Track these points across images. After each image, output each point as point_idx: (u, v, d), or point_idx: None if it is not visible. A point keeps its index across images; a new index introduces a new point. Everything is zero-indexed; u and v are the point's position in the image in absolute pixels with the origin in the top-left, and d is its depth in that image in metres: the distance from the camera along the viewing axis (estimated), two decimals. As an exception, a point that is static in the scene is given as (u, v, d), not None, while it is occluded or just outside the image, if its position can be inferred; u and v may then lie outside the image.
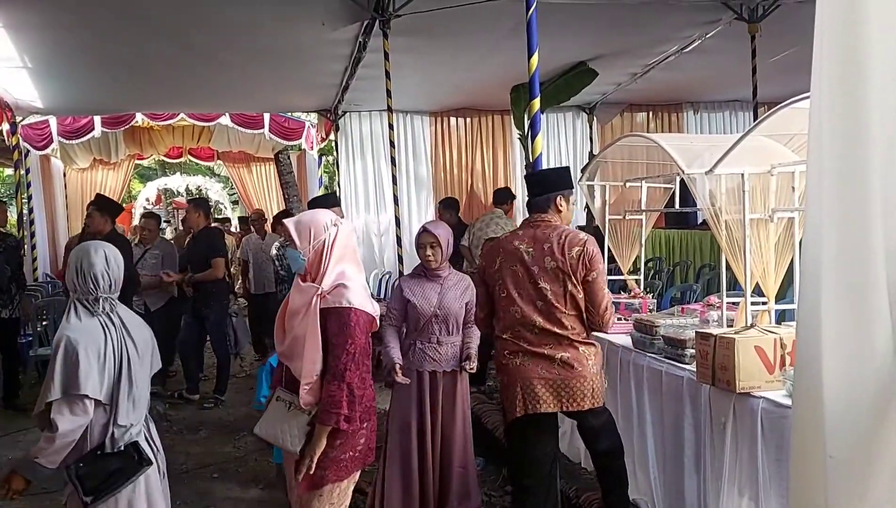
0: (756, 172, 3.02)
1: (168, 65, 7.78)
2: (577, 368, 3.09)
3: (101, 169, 13.46)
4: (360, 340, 2.55)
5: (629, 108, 11.30)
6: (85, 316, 2.54)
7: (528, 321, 3.11)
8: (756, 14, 7.01)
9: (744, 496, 2.73)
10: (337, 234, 2.63)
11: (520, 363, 3.13)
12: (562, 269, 3.09)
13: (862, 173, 1.32)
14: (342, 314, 2.53)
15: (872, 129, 1.31)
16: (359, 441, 2.62)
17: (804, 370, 1.40)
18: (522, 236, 3.21)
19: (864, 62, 1.33)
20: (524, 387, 3.11)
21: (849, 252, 1.32)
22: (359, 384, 2.55)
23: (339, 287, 2.56)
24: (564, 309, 3.09)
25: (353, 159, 10.86)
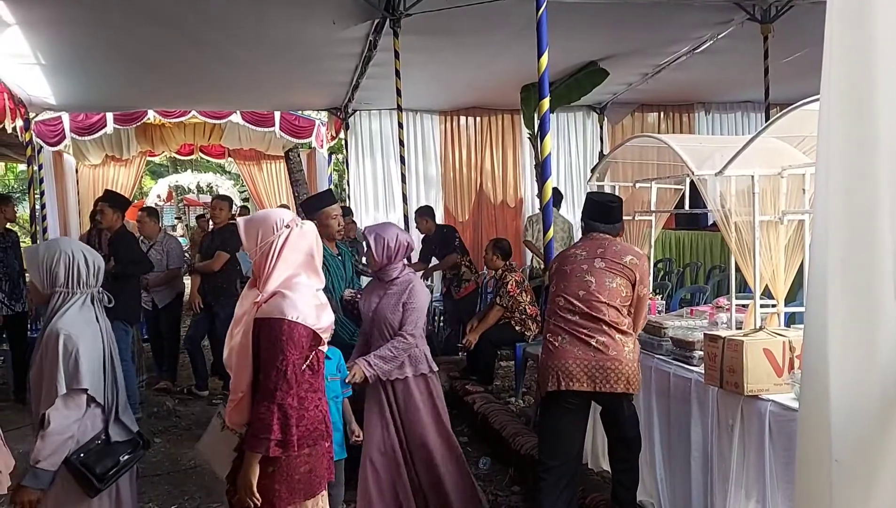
0: (766, 173, 3.00)
1: (180, 62, 7.82)
2: (611, 352, 3.22)
3: (113, 165, 13.53)
4: (294, 355, 2.28)
5: (640, 108, 11.25)
6: (78, 309, 2.55)
7: (570, 308, 3.32)
8: (769, 15, 6.97)
9: (751, 498, 2.72)
10: (289, 236, 2.40)
11: (559, 345, 3.30)
12: (610, 268, 3.34)
13: (870, 177, 1.31)
14: (273, 327, 2.29)
15: (880, 132, 1.30)
16: (298, 469, 2.34)
17: (811, 374, 1.39)
18: (582, 246, 3.52)
19: (872, 66, 1.32)
20: (559, 365, 3.26)
21: (856, 256, 1.31)
22: (295, 406, 2.30)
23: (277, 296, 2.33)
24: (604, 298, 3.28)
25: (362, 158, 10.87)
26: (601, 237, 3.46)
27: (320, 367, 2.46)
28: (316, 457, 2.39)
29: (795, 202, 3.04)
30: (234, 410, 2.33)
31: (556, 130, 10.88)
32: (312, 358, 2.39)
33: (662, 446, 3.45)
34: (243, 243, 2.46)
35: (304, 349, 2.32)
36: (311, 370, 2.39)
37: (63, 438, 2.44)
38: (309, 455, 2.36)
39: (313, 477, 2.38)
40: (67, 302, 2.54)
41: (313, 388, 2.41)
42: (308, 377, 2.37)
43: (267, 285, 2.35)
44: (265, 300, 2.33)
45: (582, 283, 3.33)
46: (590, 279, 3.32)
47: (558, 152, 11.12)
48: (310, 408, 2.37)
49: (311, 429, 2.36)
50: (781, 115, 2.70)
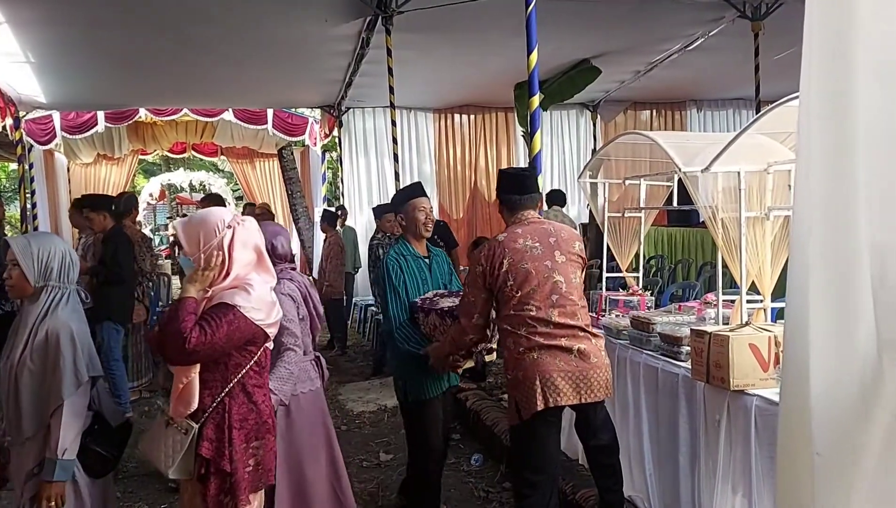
0: (752, 170, 3.02)
1: (171, 60, 7.81)
2: (592, 360, 3.03)
3: (105, 164, 13.51)
4: (219, 336, 2.22)
5: (633, 105, 11.30)
6: (69, 305, 2.59)
7: (543, 317, 3.03)
8: (759, 12, 7.01)
9: (737, 493, 2.74)
10: (234, 236, 2.35)
11: (537, 358, 3.01)
12: (571, 261, 3.15)
13: (848, 173, 1.33)
14: (221, 307, 2.27)
15: (859, 129, 1.31)
16: (247, 462, 2.36)
17: (791, 369, 1.41)
18: (524, 233, 3.16)
19: (850, 63, 1.33)
20: (543, 381, 2.98)
21: (834, 251, 1.32)
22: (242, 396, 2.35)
23: (233, 290, 2.31)
24: (578, 301, 3.11)
25: (356, 156, 10.88)
26: (534, 219, 3.21)
27: (267, 363, 2.49)
28: (264, 451, 2.42)
29: (781, 198, 3.06)
30: (179, 400, 2.28)
31: (549, 128, 10.92)
32: (261, 354, 2.41)
33: (651, 441, 3.46)
34: (184, 248, 2.37)
35: (237, 341, 2.30)
36: (258, 366, 2.41)
37: (79, 427, 2.51)
38: (257, 449, 2.39)
39: (261, 471, 2.41)
40: (64, 297, 2.58)
41: (259, 384, 2.44)
42: (254, 374, 2.41)
43: (219, 285, 2.33)
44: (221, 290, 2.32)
45: (552, 285, 3.05)
46: (559, 280, 3.07)
47: (552, 150, 11.16)
48: (258, 402, 2.41)
49: (260, 423, 2.41)
50: (766, 111, 2.72)
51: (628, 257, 4.60)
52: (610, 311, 4.25)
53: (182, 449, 2.30)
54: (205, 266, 2.31)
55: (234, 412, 2.35)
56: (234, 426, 2.34)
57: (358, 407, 6.39)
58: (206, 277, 2.32)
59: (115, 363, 5.98)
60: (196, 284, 2.32)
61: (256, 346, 2.39)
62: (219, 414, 2.35)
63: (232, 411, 2.35)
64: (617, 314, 4.12)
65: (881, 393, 1.26)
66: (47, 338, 2.50)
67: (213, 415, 2.35)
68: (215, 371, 2.35)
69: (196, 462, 2.33)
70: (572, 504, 3.69)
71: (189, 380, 2.28)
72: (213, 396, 2.34)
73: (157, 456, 2.34)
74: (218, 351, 2.28)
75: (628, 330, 3.73)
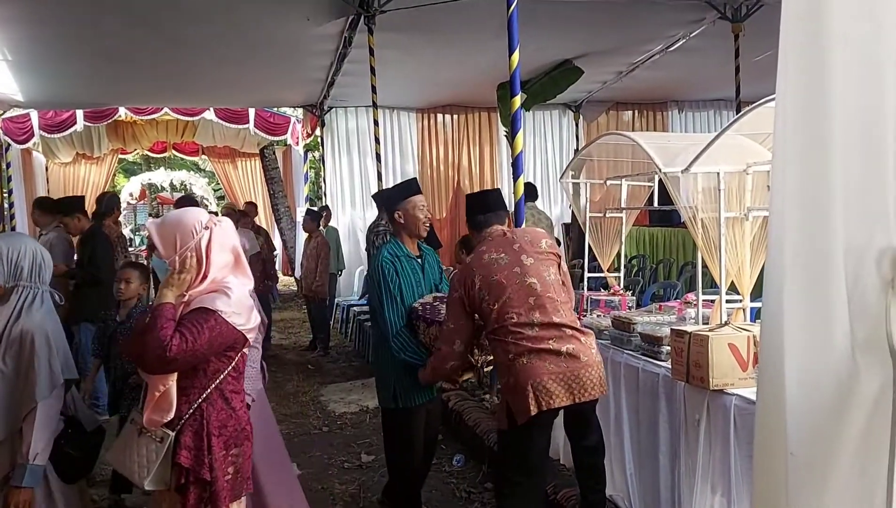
0: (732, 170, 3.04)
1: (151, 58, 7.73)
2: (583, 358, 3.00)
3: (84, 163, 13.37)
4: (200, 343, 2.16)
5: (615, 106, 11.35)
6: (44, 305, 2.55)
7: (525, 321, 3.02)
8: (740, 14, 7.06)
9: (716, 492, 2.75)
10: (211, 237, 2.28)
11: (526, 363, 2.97)
12: (541, 260, 3.14)
13: (823, 174, 1.33)
14: (201, 312, 2.20)
15: (834, 130, 1.32)
16: (226, 471, 2.29)
17: (767, 368, 1.41)
18: (488, 249, 3.18)
19: (826, 64, 1.34)
20: (535, 386, 2.94)
21: (810, 251, 1.33)
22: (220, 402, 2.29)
23: (212, 294, 2.24)
24: (557, 297, 3.09)
25: (339, 155, 10.84)
26: (497, 233, 3.22)
27: (244, 368, 2.42)
28: (242, 458, 2.36)
29: (761, 199, 3.07)
30: (153, 409, 2.21)
31: (532, 128, 10.94)
32: (238, 360, 2.35)
33: (632, 440, 3.47)
34: (159, 251, 2.30)
35: (218, 347, 2.24)
36: (235, 371, 2.35)
37: (52, 431, 2.47)
38: (236, 456, 2.33)
39: (240, 479, 2.34)
40: (35, 298, 2.53)
41: (236, 390, 2.38)
42: (232, 380, 2.35)
43: (197, 288, 2.26)
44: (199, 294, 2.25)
45: (527, 289, 3.05)
46: (532, 281, 3.06)
47: (534, 150, 11.19)
48: (237, 409, 2.35)
49: (239, 430, 2.34)
50: (745, 112, 2.74)
51: (610, 257, 4.62)
52: (591, 311, 4.27)
53: (158, 459, 2.22)
54: (180, 269, 2.24)
55: (213, 419, 2.28)
56: (213, 434, 2.27)
57: (340, 408, 6.36)
58: (182, 280, 2.25)
59: (89, 364, 5.91)
60: (173, 288, 2.25)
61: (235, 351, 2.33)
62: (196, 421, 2.27)
63: (210, 417, 2.28)
64: (598, 314, 4.14)
65: (856, 393, 1.27)
66: (21, 340, 2.45)
67: (190, 422, 2.27)
68: (193, 378, 2.27)
69: (173, 471, 2.24)
70: (554, 503, 3.69)
71: (166, 388, 2.20)
72: (190, 403, 2.27)
73: (128, 467, 2.25)
74: (199, 358, 2.21)
75: (609, 330, 3.75)
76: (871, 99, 1.33)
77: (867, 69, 1.33)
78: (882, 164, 1.29)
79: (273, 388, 7.13)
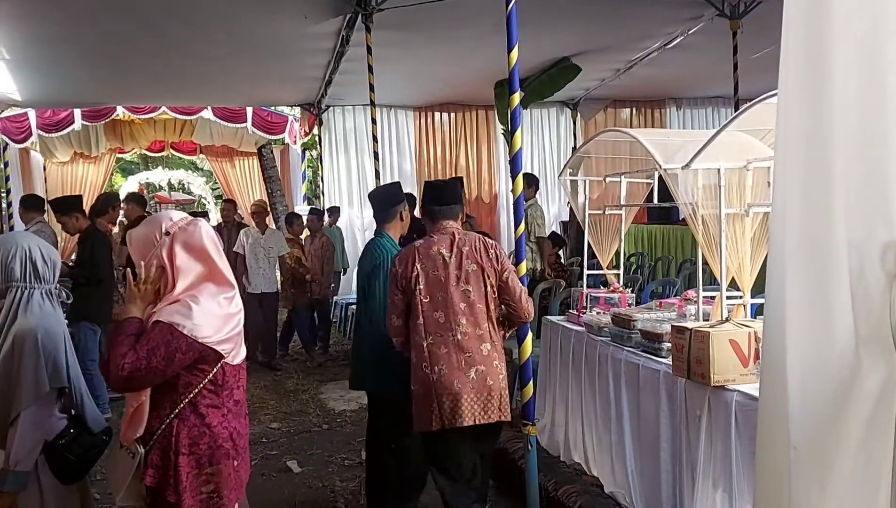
0: (732, 167, 3.04)
1: (149, 57, 7.71)
2: (489, 381, 3.14)
3: (82, 163, 13.32)
4: (156, 360, 2.07)
5: (613, 104, 11.35)
6: (44, 306, 2.50)
7: (450, 325, 3.14)
8: (738, 11, 7.06)
9: (717, 488, 2.76)
10: (172, 245, 2.17)
11: (439, 375, 3.11)
12: (483, 270, 3.22)
13: (826, 169, 1.34)
14: (159, 328, 2.10)
15: (835, 125, 1.32)
16: (199, 490, 2.18)
17: (770, 363, 1.42)
18: (439, 241, 3.28)
19: (827, 60, 1.34)
20: (440, 401, 3.09)
21: (812, 246, 1.34)
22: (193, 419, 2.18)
23: (175, 303, 2.14)
24: (487, 311, 3.21)
25: (336, 154, 10.83)
26: (451, 228, 3.30)
27: (224, 382, 2.25)
28: (220, 477, 2.22)
29: (761, 195, 3.08)
30: (129, 424, 2.13)
31: (529, 126, 10.94)
32: (217, 372, 2.22)
33: (632, 437, 3.48)
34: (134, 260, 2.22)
35: (179, 363, 2.13)
36: (213, 384, 2.22)
37: (38, 436, 2.41)
38: (211, 475, 2.20)
39: (216, 499, 2.21)
40: (30, 298, 2.48)
41: (215, 404, 2.23)
42: (208, 393, 2.21)
43: (165, 298, 2.17)
44: (165, 306, 2.16)
45: (461, 294, 3.16)
46: (468, 289, 3.16)
47: (532, 148, 11.19)
48: (213, 425, 2.22)
49: (215, 447, 2.21)
50: (746, 108, 2.74)
51: (609, 255, 4.61)
52: (591, 308, 4.27)
53: (129, 475, 2.15)
54: (144, 279, 2.16)
55: (183, 437, 2.17)
56: (181, 452, 2.16)
57: (339, 406, 6.37)
58: (145, 292, 2.18)
59: (91, 363, 5.91)
60: (137, 301, 2.17)
61: (209, 364, 2.20)
62: (165, 439, 2.18)
63: (180, 435, 2.17)
64: (598, 311, 4.14)
65: (858, 388, 1.27)
66: (14, 343, 2.40)
67: (160, 439, 2.18)
68: (165, 393, 2.18)
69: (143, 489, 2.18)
70: (554, 500, 3.69)
71: (140, 403, 2.12)
72: (162, 418, 2.17)
73: (110, 479, 2.21)
74: (159, 375, 2.11)
75: (609, 327, 3.75)
76: (872, 93, 1.33)
77: (868, 64, 1.34)
78: (884, 158, 1.30)
79: (273, 386, 7.14)
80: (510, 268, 3.30)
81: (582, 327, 4.11)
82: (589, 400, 3.96)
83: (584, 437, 4.02)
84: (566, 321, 4.45)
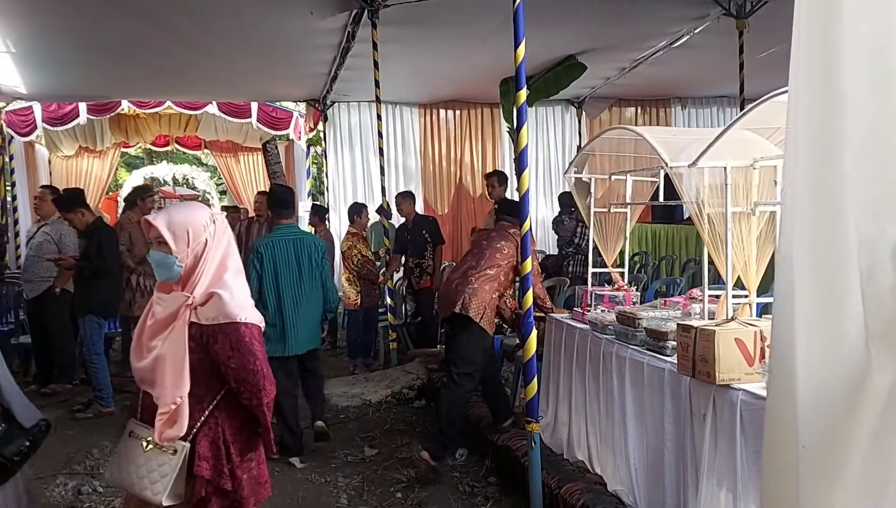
0: (739, 165, 3.03)
1: (154, 52, 7.71)
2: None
3: (87, 157, 13.31)
4: (262, 352, 2.17)
5: (617, 102, 11.32)
6: None
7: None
8: (744, 10, 7.03)
9: (722, 487, 2.75)
10: (216, 232, 2.23)
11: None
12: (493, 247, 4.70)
13: (835, 167, 1.33)
14: (229, 332, 2.13)
15: (846, 123, 1.32)
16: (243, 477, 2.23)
17: (778, 361, 1.41)
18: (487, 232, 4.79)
19: (838, 58, 1.34)
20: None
21: (822, 244, 1.33)
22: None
23: (215, 298, 2.14)
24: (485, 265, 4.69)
25: (341, 150, 10.81)
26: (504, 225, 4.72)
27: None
28: (258, 462, 2.31)
29: (767, 194, 3.07)
30: (167, 423, 2.09)
31: (534, 124, 10.91)
32: None
33: (636, 435, 3.47)
34: (170, 247, 2.17)
35: (263, 346, 2.21)
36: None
37: None
38: (250, 461, 2.28)
39: (257, 486, 2.30)
40: None
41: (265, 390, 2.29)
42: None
43: (199, 286, 2.17)
44: (201, 303, 2.15)
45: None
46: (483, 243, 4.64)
47: (537, 146, 11.17)
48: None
49: (254, 433, 2.29)
50: (753, 106, 2.73)
51: (614, 253, 4.61)
52: (595, 306, 4.26)
53: (174, 472, 2.09)
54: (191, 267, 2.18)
55: (228, 425, 2.20)
56: (229, 441, 2.19)
57: (343, 402, 6.37)
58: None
59: (96, 356, 5.93)
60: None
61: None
62: (211, 429, 2.18)
63: (226, 424, 2.19)
64: (602, 310, 4.13)
65: (868, 385, 1.27)
66: None
67: (205, 430, 2.17)
68: (208, 383, 2.18)
69: (189, 484, 2.13)
70: (557, 498, 3.69)
71: (180, 403, 2.09)
72: (204, 409, 2.17)
73: (137, 484, 2.10)
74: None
75: (614, 325, 3.75)
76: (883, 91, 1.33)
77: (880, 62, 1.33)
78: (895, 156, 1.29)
79: (276, 382, 7.13)
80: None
81: (586, 324, 4.11)
82: (593, 398, 3.96)
83: (588, 435, 4.02)
84: (570, 319, 4.45)
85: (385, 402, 6.28)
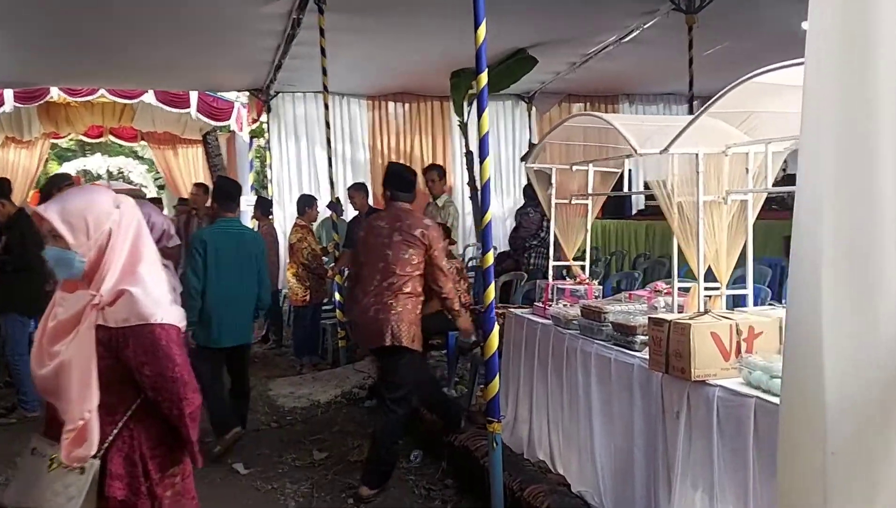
0: (711, 152, 2.93)
1: (86, 35, 7.25)
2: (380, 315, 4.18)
3: (14, 148, 12.58)
4: (181, 356, 1.92)
5: (567, 98, 11.30)
6: None
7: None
8: (694, 5, 7.03)
9: (698, 488, 2.63)
10: (121, 217, 1.93)
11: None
12: (404, 241, 4.21)
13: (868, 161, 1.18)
14: (142, 335, 1.87)
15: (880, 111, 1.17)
16: (165, 495, 2.01)
17: (798, 366, 1.26)
18: (383, 217, 4.27)
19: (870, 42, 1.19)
20: None
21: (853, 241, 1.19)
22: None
23: (126, 295, 1.87)
24: (397, 269, 4.23)
25: (286, 142, 10.45)
26: (402, 207, 4.24)
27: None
28: (183, 477, 2.07)
29: (738, 182, 2.98)
30: (74, 442, 1.83)
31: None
32: None
33: (603, 433, 3.34)
34: (68, 241, 1.87)
35: (183, 351, 1.95)
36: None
37: None
38: (173, 476, 2.04)
39: (184, 502, 2.06)
40: None
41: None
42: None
43: (104, 285, 1.88)
44: (109, 303, 1.87)
45: (382, 256, 4.11)
46: (389, 253, 4.09)
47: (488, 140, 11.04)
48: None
49: (176, 445, 2.03)
50: (731, 87, 2.61)
51: (575, 246, 4.49)
52: (557, 300, 4.13)
53: (82, 493, 1.83)
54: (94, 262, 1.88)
55: (145, 438, 1.95)
56: (147, 456, 1.95)
57: (289, 403, 6.10)
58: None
59: (19, 357, 5.54)
60: None
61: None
62: (125, 444, 1.93)
63: (142, 437, 1.95)
64: (564, 304, 4.00)
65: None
66: None
67: (118, 445, 1.92)
68: (120, 392, 1.91)
69: (101, 505, 1.89)
70: (520, 501, 3.53)
71: (87, 419, 1.82)
72: (116, 422, 1.92)
73: (32, 503, 1.85)
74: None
75: (578, 319, 3.61)
76: None
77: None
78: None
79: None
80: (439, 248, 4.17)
81: (548, 319, 3.96)
82: (555, 395, 3.82)
83: (550, 434, 3.89)
84: (531, 314, 4.30)
85: (335, 402, 6.03)
